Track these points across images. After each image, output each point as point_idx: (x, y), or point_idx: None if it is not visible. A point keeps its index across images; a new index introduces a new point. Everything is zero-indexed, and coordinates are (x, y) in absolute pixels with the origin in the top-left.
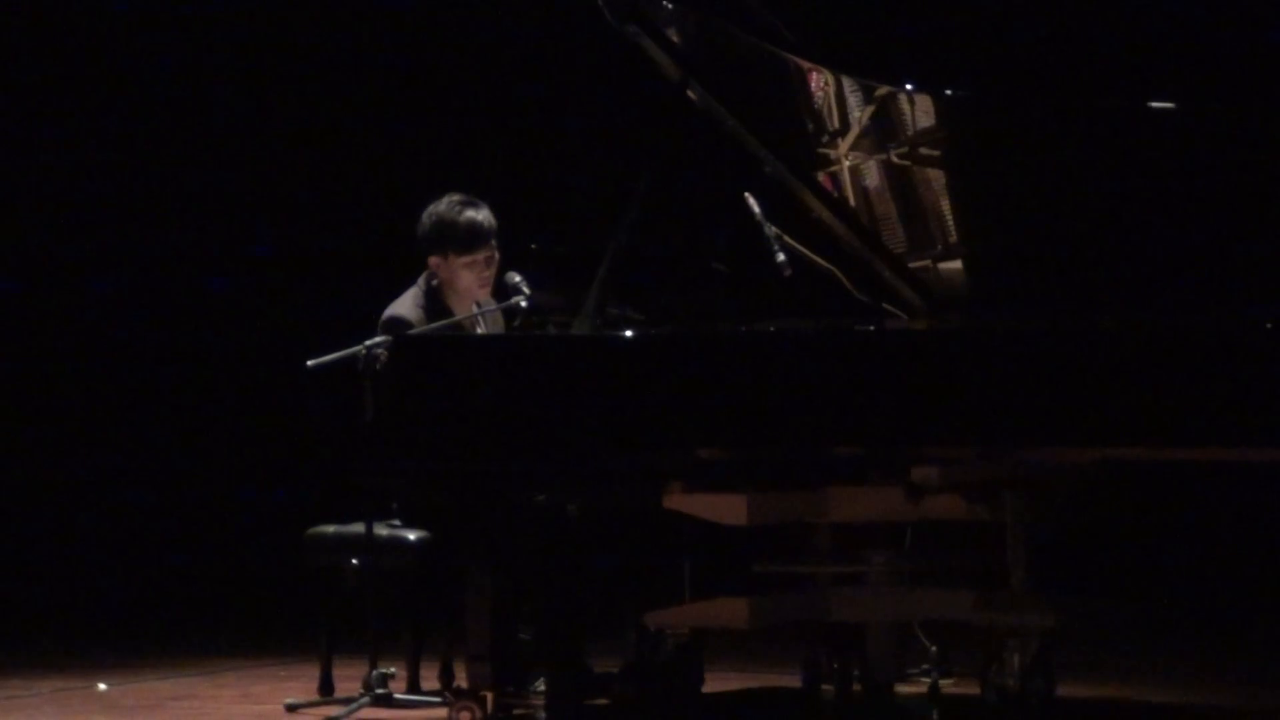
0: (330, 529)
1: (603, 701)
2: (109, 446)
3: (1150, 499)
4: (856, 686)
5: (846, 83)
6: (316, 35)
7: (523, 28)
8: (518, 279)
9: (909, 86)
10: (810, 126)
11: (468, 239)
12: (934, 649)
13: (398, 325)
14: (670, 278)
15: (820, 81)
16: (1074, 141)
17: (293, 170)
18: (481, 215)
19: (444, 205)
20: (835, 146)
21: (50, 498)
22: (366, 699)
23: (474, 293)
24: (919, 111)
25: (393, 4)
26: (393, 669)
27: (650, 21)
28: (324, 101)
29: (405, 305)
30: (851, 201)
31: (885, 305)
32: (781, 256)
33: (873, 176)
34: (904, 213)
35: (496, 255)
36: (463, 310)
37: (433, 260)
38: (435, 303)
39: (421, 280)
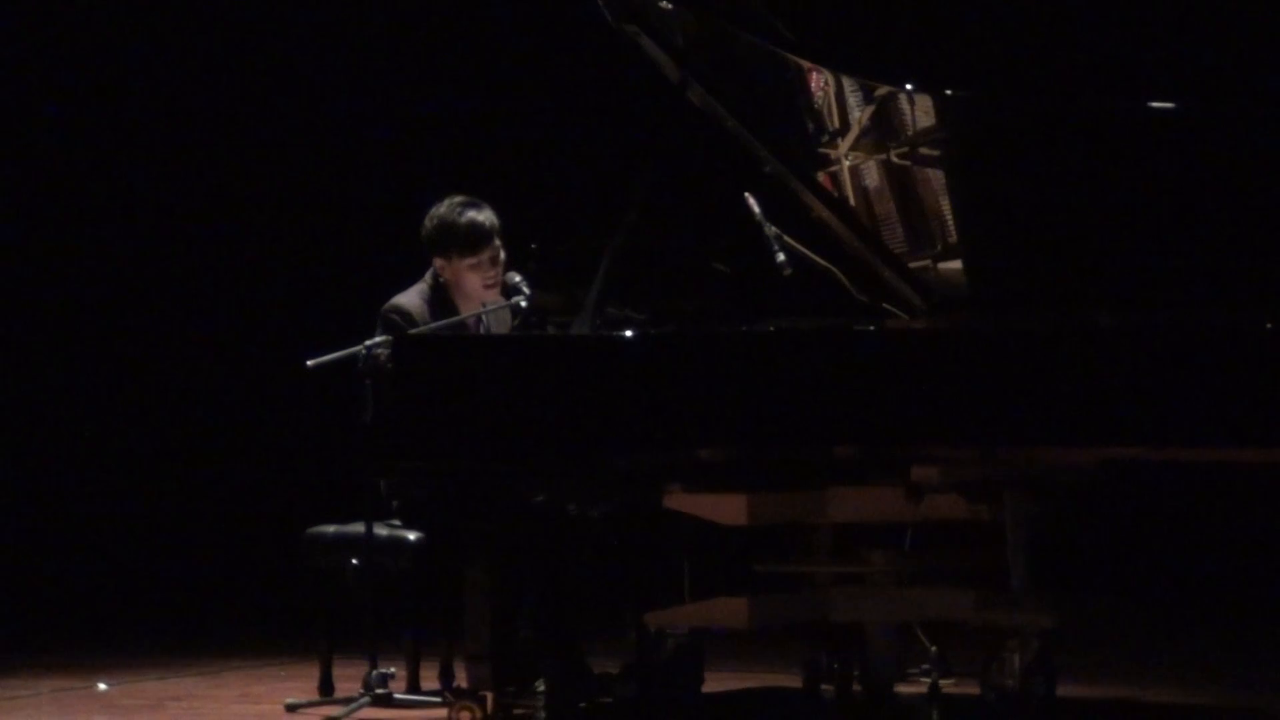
0: (330, 529)
1: (603, 701)
2: (109, 446)
3: (1150, 499)
4: (856, 686)
5: (846, 83)
6: (319, 33)
7: (523, 27)
8: (518, 279)
9: (909, 86)
10: (810, 126)
11: (470, 240)
12: (934, 649)
13: (397, 315)
14: (670, 278)
15: (820, 81)
16: (1074, 141)
17: (293, 170)
18: (483, 216)
19: (445, 207)
20: (835, 146)
21: (50, 498)
22: (366, 699)
23: (480, 294)
24: (919, 111)
25: (394, 2)
26: (393, 669)
27: (650, 21)
28: (325, 101)
29: (408, 297)
30: (851, 201)
31: (885, 305)
32: (781, 256)
33: (873, 176)
34: (904, 213)
35: (502, 255)
36: (469, 309)
37: (437, 262)
38: (441, 299)
39: (429, 275)
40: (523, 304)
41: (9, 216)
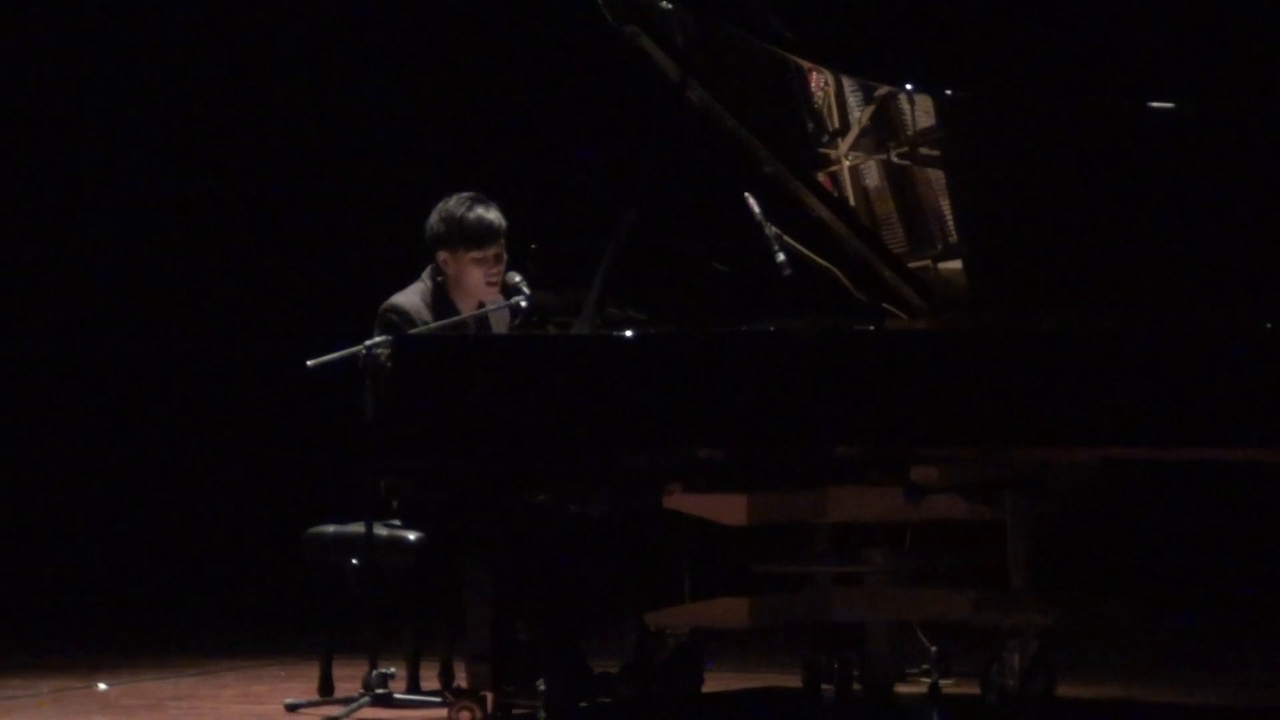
0: (330, 529)
1: (603, 701)
2: (109, 446)
3: (1150, 499)
4: (856, 686)
5: (846, 83)
6: (320, 33)
7: (523, 27)
8: (518, 279)
9: (909, 86)
10: (810, 126)
11: (477, 235)
12: (934, 649)
13: (395, 314)
14: (670, 278)
15: (820, 81)
16: (1074, 141)
17: (293, 170)
18: (492, 213)
19: (454, 201)
20: (835, 146)
21: (50, 498)
22: (366, 699)
23: (481, 290)
24: (919, 111)
25: (395, 3)
26: (393, 669)
27: (650, 21)
28: (326, 100)
29: (407, 296)
30: (851, 201)
31: (885, 305)
32: (781, 256)
33: (873, 176)
34: (904, 213)
35: (505, 255)
36: (468, 306)
37: (441, 256)
38: (440, 299)
39: (426, 275)
40: (523, 304)
41: (9, 217)
